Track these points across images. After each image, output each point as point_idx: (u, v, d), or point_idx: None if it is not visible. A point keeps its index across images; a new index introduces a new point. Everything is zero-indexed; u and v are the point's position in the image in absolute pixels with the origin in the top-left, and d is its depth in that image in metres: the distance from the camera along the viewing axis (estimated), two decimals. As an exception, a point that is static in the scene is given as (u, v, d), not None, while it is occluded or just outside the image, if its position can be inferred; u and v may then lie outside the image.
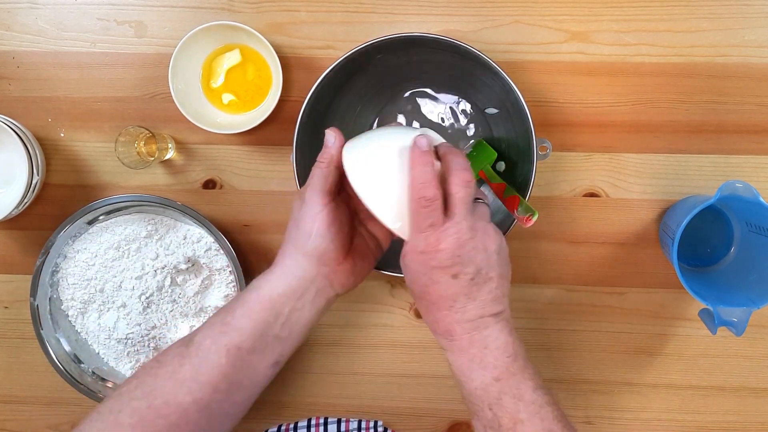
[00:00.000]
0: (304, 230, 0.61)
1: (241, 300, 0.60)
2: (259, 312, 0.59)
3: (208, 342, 0.59)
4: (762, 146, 0.80)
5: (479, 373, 0.56)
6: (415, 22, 0.81)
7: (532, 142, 0.70)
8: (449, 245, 0.55)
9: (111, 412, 0.57)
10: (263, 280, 0.61)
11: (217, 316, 0.61)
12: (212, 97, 0.82)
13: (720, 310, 0.70)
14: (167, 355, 0.59)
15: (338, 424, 0.84)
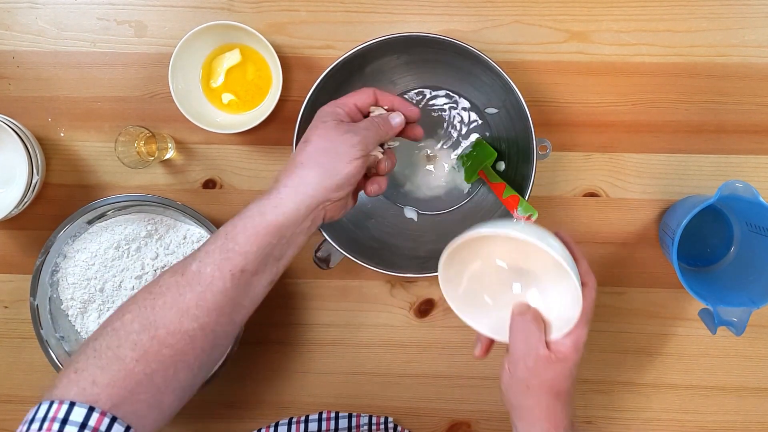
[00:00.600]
0: (336, 167, 0.61)
1: (243, 226, 0.59)
2: (264, 236, 0.59)
3: (209, 269, 0.58)
4: (762, 146, 0.80)
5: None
6: (415, 22, 0.81)
7: (532, 142, 0.70)
8: (581, 347, 0.61)
9: (109, 348, 0.56)
10: (269, 206, 0.60)
11: (213, 244, 0.59)
12: (212, 96, 0.82)
13: (720, 310, 0.70)
14: (160, 287, 0.58)
15: (349, 418, 0.83)
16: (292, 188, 0.61)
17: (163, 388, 0.56)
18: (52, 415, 0.52)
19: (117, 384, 0.54)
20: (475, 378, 0.85)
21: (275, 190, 0.61)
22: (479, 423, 0.85)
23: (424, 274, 0.73)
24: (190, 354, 0.57)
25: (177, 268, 0.59)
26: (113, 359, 0.55)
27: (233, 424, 0.85)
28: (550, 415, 0.61)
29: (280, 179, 0.61)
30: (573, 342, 0.60)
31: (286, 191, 0.61)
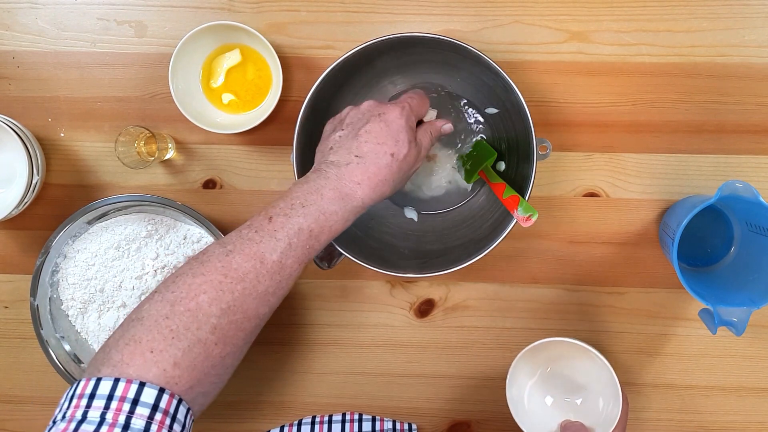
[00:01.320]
0: (400, 181, 0.68)
1: (329, 228, 0.63)
2: (336, 235, 0.64)
3: (290, 262, 0.60)
4: (762, 146, 0.80)
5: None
6: (415, 22, 0.81)
7: (532, 142, 0.70)
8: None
9: (188, 330, 0.54)
10: (350, 211, 0.64)
11: (298, 238, 0.61)
12: (212, 97, 0.82)
13: (720, 310, 0.70)
14: (236, 271, 0.58)
15: (373, 422, 0.83)
16: (369, 195, 0.64)
17: (230, 368, 0.58)
18: (120, 394, 0.49)
19: (197, 367, 0.54)
20: (475, 378, 0.85)
21: (352, 193, 0.64)
22: (479, 423, 0.85)
23: (424, 274, 0.73)
24: (253, 334, 0.60)
25: (251, 253, 0.59)
26: (195, 342, 0.54)
27: (233, 425, 0.85)
28: None
29: (359, 180, 0.64)
30: None
31: (364, 198, 0.64)
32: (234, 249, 0.59)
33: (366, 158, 0.64)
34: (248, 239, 0.59)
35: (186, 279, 0.56)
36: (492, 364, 0.85)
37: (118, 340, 0.53)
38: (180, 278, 0.57)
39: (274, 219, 0.61)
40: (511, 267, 0.83)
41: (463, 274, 0.80)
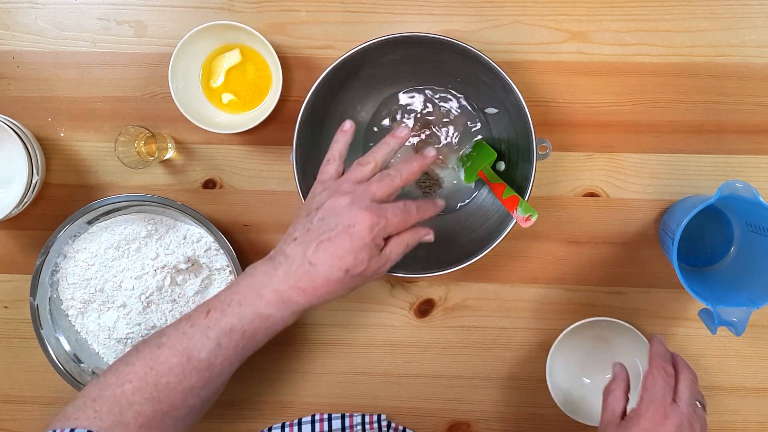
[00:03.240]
0: (353, 289, 0.65)
1: (264, 329, 0.63)
2: (275, 332, 0.65)
3: (220, 361, 0.62)
4: (762, 146, 0.80)
5: None
6: (415, 22, 0.81)
7: (532, 142, 0.70)
8: (673, 424, 0.63)
9: (111, 413, 0.59)
10: (279, 308, 0.63)
11: (229, 338, 0.62)
12: (212, 96, 0.82)
13: (720, 310, 0.70)
14: (163, 365, 0.61)
15: (342, 419, 0.83)
16: (311, 302, 0.63)
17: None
18: None
19: None
20: (475, 378, 0.85)
21: (295, 298, 0.62)
22: (479, 423, 0.85)
23: (424, 274, 0.73)
24: (191, 419, 0.64)
25: (181, 348, 0.61)
26: (117, 424, 0.59)
27: (233, 424, 0.85)
28: None
29: (304, 287, 0.62)
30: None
31: (305, 303, 0.63)
32: (167, 342, 0.62)
33: (318, 268, 0.62)
34: (182, 333, 0.62)
35: (119, 366, 0.62)
36: (492, 364, 0.85)
37: (59, 413, 0.62)
38: (116, 364, 0.62)
39: (211, 314, 0.63)
40: (511, 267, 0.83)
41: (463, 274, 0.80)
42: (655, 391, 0.65)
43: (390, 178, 0.66)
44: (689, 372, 0.69)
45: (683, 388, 0.66)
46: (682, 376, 0.68)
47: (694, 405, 0.66)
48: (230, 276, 0.83)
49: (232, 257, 0.80)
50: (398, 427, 0.84)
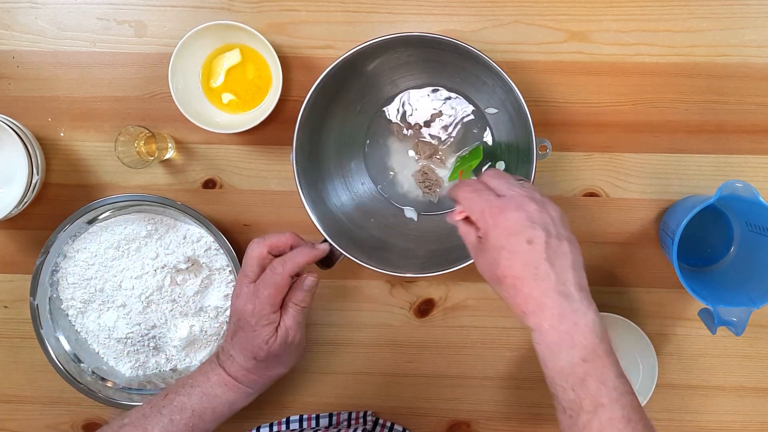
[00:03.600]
0: (285, 364, 0.76)
1: (209, 404, 0.72)
2: (220, 417, 0.74)
3: None
4: (762, 146, 0.80)
5: (567, 352, 0.55)
6: (415, 22, 0.81)
7: (532, 142, 0.70)
8: (514, 210, 0.57)
9: None
10: (223, 389, 0.73)
11: (182, 415, 0.70)
12: (212, 96, 0.82)
13: (720, 310, 0.70)
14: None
15: (330, 417, 0.84)
16: (250, 386, 0.74)
17: None
18: None
19: None
20: (475, 378, 0.85)
21: (231, 383, 0.72)
22: (479, 423, 0.85)
23: (424, 274, 0.73)
24: None
25: (139, 425, 0.69)
26: None
27: (233, 424, 0.85)
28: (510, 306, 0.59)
29: (234, 374, 0.72)
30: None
31: (246, 388, 0.73)
32: (129, 422, 0.70)
33: (236, 359, 0.72)
34: (142, 414, 0.70)
35: None
36: (492, 364, 0.85)
37: None
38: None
39: (168, 395, 0.71)
40: (511, 267, 0.83)
41: (463, 274, 0.80)
42: (474, 203, 0.60)
43: (272, 273, 0.70)
44: (487, 173, 0.64)
45: (495, 182, 0.61)
46: (483, 177, 0.63)
47: (519, 183, 0.61)
48: (230, 276, 0.83)
49: (232, 257, 0.80)
50: (386, 423, 0.84)
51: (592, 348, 0.55)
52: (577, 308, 0.56)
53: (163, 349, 0.84)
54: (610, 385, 0.54)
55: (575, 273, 0.57)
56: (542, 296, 0.56)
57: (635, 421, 0.54)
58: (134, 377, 0.84)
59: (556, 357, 0.55)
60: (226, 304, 0.83)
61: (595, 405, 0.54)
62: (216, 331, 0.83)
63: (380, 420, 0.84)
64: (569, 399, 0.55)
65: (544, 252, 0.56)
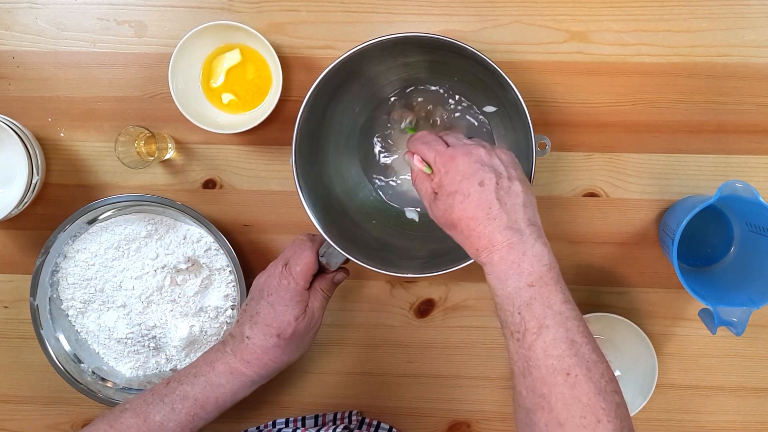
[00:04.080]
0: (298, 350, 0.74)
1: (215, 398, 0.70)
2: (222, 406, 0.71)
3: (173, 425, 0.69)
4: (762, 146, 0.80)
5: (515, 279, 0.58)
6: (415, 22, 0.81)
7: (531, 139, 0.70)
8: (463, 156, 0.61)
9: None
10: (228, 378, 0.71)
11: (183, 404, 0.69)
12: (212, 96, 0.82)
13: (720, 310, 0.70)
14: (123, 425, 0.68)
15: (315, 418, 0.84)
16: (258, 372, 0.71)
17: None
18: None
19: None
20: (475, 378, 0.85)
21: (242, 370, 0.71)
22: (479, 423, 0.85)
23: (424, 274, 0.73)
24: None
25: (140, 411, 0.69)
26: None
27: (233, 424, 0.85)
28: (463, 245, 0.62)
29: (248, 360, 0.71)
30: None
31: (253, 375, 0.71)
32: (129, 407, 0.70)
33: (254, 340, 0.70)
34: (143, 400, 0.70)
35: (87, 427, 0.69)
36: (492, 364, 0.85)
37: None
38: (83, 429, 0.70)
39: (170, 384, 0.71)
40: (511, 267, 0.83)
41: (463, 274, 0.80)
42: (426, 153, 0.64)
43: (302, 245, 0.73)
44: (443, 132, 0.68)
45: (446, 136, 0.66)
46: (439, 133, 0.67)
47: (464, 137, 0.66)
48: (230, 276, 0.83)
49: (232, 257, 0.80)
50: (372, 422, 0.84)
51: (539, 275, 0.58)
52: (525, 240, 0.59)
53: (164, 350, 0.84)
54: (556, 309, 0.57)
55: (526, 210, 0.60)
56: (494, 232, 0.59)
57: (579, 343, 0.56)
58: (134, 377, 0.84)
59: (504, 284, 0.58)
60: (226, 304, 0.83)
61: (539, 326, 0.56)
62: (216, 331, 0.83)
63: (366, 419, 0.84)
64: (516, 322, 0.58)
65: (495, 192, 0.60)
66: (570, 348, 0.55)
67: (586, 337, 0.57)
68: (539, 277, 0.58)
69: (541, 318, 0.56)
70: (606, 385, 0.55)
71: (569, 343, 0.55)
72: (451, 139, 0.65)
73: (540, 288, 0.57)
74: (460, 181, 0.60)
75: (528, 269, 0.58)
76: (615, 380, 0.56)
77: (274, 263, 0.73)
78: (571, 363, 0.55)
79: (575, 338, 0.56)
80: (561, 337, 0.56)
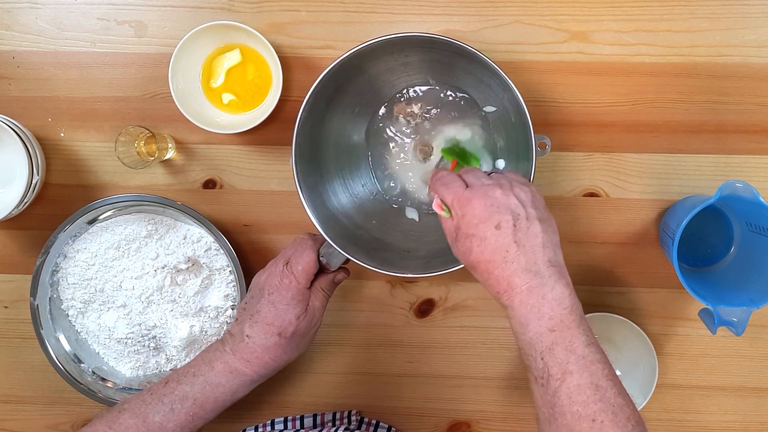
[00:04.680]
0: (297, 348, 0.74)
1: (214, 398, 0.70)
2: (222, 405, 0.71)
3: (172, 425, 0.69)
4: (762, 146, 0.80)
5: (536, 323, 0.57)
6: (415, 22, 0.81)
7: (531, 139, 0.70)
8: (479, 198, 0.60)
9: None
10: (228, 378, 0.71)
11: (182, 405, 0.69)
12: (212, 96, 0.82)
13: (720, 310, 0.70)
14: (122, 425, 0.68)
15: (314, 418, 0.84)
16: (258, 371, 0.71)
17: None
18: None
19: None
20: (475, 378, 0.85)
21: (242, 369, 0.70)
22: (479, 423, 0.85)
23: (424, 274, 0.73)
24: None
25: (138, 412, 0.69)
26: None
27: (233, 424, 0.85)
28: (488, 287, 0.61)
29: (248, 359, 0.70)
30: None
31: (253, 374, 0.71)
32: (128, 408, 0.69)
33: (255, 339, 0.70)
34: (141, 401, 0.70)
35: (85, 427, 0.69)
36: (492, 364, 0.85)
37: None
38: (81, 429, 0.70)
39: (169, 383, 0.70)
40: (511, 267, 0.83)
41: (463, 274, 0.80)
42: (445, 195, 0.63)
43: (303, 244, 0.73)
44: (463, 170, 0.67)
45: (466, 175, 0.64)
46: (460, 172, 0.66)
47: (491, 176, 0.64)
48: (230, 276, 0.83)
49: (232, 257, 0.80)
50: (371, 421, 0.84)
51: (560, 319, 0.57)
52: (545, 282, 0.58)
53: (164, 350, 0.84)
54: (579, 353, 0.56)
55: (545, 251, 0.59)
56: (512, 276, 0.58)
57: (604, 388, 0.55)
58: (134, 377, 0.84)
59: (525, 329, 0.58)
60: (226, 304, 0.83)
61: (563, 372, 0.56)
62: (216, 331, 0.83)
63: (365, 419, 0.84)
64: (539, 368, 0.57)
65: (513, 234, 0.58)
66: (595, 393, 0.55)
67: (611, 380, 0.56)
68: (560, 321, 0.57)
69: (563, 363, 0.56)
70: (632, 429, 0.54)
71: (594, 388, 0.55)
72: (470, 179, 0.63)
73: (561, 332, 0.56)
74: (477, 224, 0.59)
75: (548, 313, 0.57)
76: (642, 422, 0.56)
77: (275, 261, 0.73)
78: (596, 409, 0.54)
79: (600, 382, 0.55)
80: (585, 382, 0.55)
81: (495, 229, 0.59)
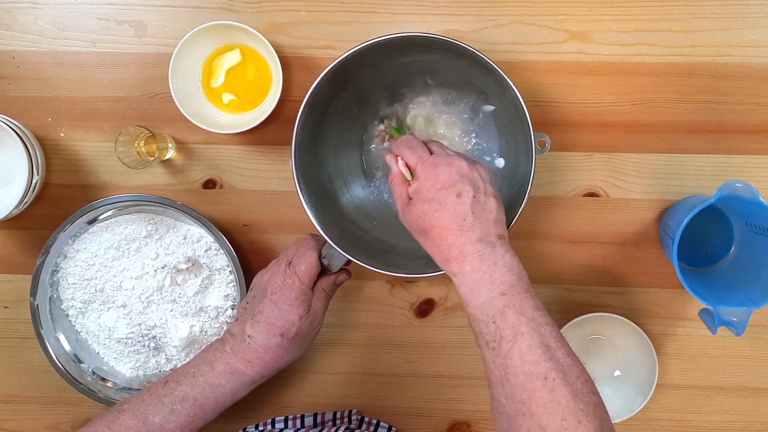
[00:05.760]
0: (299, 349, 0.74)
1: (214, 399, 0.70)
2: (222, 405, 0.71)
3: (172, 426, 0.69)
4: (762, 146, 0.80)
5: (487, 288, 0.59)
6: (415, 22, 0.81)
7: (530, 137, 0.70)
8: (445, 165, 0.62)
9: None
10: (228, 378, 0.70)
11: (182, 405, 0.69)
12: (212, 96, 0.82)
13: (720, 310, 0.70)
14: (122, 426, 0.68)
15: (314, 417, 0.84)
16: (259, 372, 0.71)
17: None
18: None
19: None
20: (475, 378, 0.85)
21: (242, 370, 0.70)
22: (479, 423, 0.85)
23: (424, 274, 0.73)
24: None
25: (138, 413, 0.68)
26: None
27: (233, 424, 0.85)
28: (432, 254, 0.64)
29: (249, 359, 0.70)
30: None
31: (254, 375, 0.71)
32: (128, 408, 0.69)
33: (256, 339, 0.70)
34: (141, 401, 0.69)
35: (84, 427, 0.69)
36: (492, 364, 0.84)
37: None
38: (81, 428, 0.69)
39: (168, 384, 0.70)
40: (511, 267, 0.83)
41: (463, 274, 0.80)
42: (409, 158, 0.65)
43: (306, 244, 0.73)
44: (428, 140, 0.69)
45: (431, 144, 0.66)
46: (423, 140, 0.68)
47: (448, 147, 0.67)
48: (230, 276, 0.83)
49: (232, 257, 0.80)
50: (372, 420, 0.84)
51: (510, 284, 0.59)
52: (496, 251, 0.61)
53: (164, 350, 0.84)
54: (528, 315, 0.58)
55: (497, 226, 0.62)
56: (466, 243, 0.60)
57: (554, 348, 0.57)
58: (134, 377, 0.84)
59: (477, 294, 0.60)
60: (226, 304, 0.83)
61: (515, 333, 0.57)
62: (216, 331, 0.83)
63: (365, 418, 0.84)
64: (491, 331, 0.58)
65: (471, 205, 0.61)
66: (545, 353, 0.56)
67: (559, 341, 0.58)
68: (511, 285, 0.59)
69: (515, 325, 0.57)
70: (582, 386, 0.56)
71: (544, 348, 0.56)
72: (435, 148, 0.66)
73: (512, 296, 0.59)
74: (439, 189, 0.61)
75: (500, 278, 0.59)
76: (591, 381, 0.57)
77: (277, 261, 0.73)
78: (547, 367, 0.56)
79: (549, 343, 0.57)
80: (536, 342, 0.57)
81: (456, 197, 0.61)
